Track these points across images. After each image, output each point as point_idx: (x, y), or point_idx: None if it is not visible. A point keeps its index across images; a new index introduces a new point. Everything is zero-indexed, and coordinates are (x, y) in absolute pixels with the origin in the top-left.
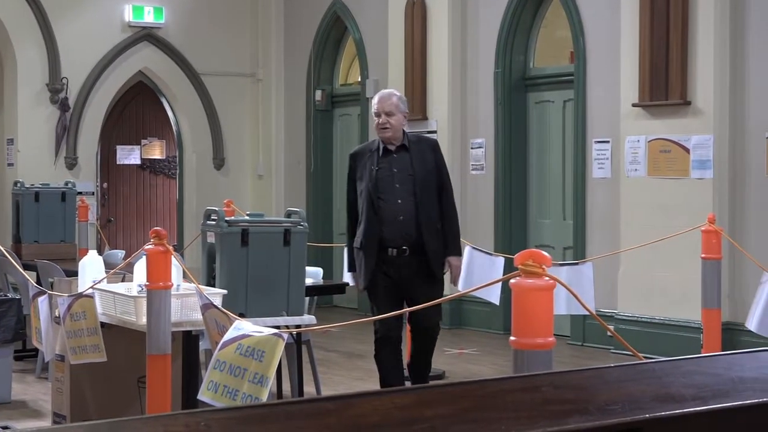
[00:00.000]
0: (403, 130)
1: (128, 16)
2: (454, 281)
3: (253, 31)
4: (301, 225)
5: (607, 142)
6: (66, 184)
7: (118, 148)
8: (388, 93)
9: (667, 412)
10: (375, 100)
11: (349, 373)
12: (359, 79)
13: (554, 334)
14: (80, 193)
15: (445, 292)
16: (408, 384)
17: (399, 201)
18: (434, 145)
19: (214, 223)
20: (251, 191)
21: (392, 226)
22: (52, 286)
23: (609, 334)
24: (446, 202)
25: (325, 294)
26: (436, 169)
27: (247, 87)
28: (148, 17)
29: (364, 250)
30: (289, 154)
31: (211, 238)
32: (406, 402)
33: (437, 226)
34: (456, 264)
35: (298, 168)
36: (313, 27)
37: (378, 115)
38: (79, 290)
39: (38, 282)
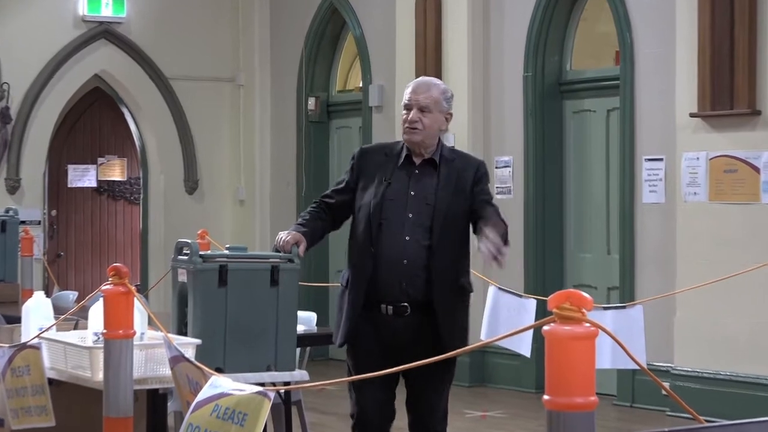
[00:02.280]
0: (439, 139)
1: (82, 8)
2: (500, 263)
3: (233, 27)
4: (292, 261)
5: (660, 159)
6: (6, 211)
7: (70, 168)
8: (427, 81)
9: None
10: (408, 89)
11: None
12: (360, 85)
13: (597, 393)
14: (23, 222)
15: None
16: None
17: (407, 237)
18: (479, 169)
19: (185, 258)
20: (231, 220)
21: (392, 270)
22: None
23: (664, 392)
24: (490, 209)
25: (321, 344)
26: (471, 202)
27: (226, 94)
28: (106, 10)
29: (348, 294)
30: (276, 175)
31: (182, 277)
32: None
33: (457, 282)
34: (492, 236)
35: (287, 191)
36: (305, 22)
37: (408, 108)
38: (22, 340)
39: None
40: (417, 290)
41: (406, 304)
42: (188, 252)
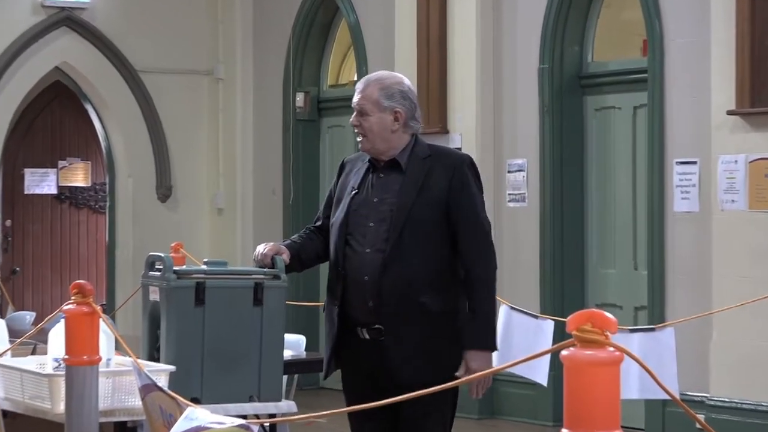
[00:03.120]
0: (415, 137)
1: None
2: (474, 392)
3: (212, 14)
4: (278, 277)
5: (694, 163)
6: None
7: (27, 172)
8: (366, 79)
9: None
10: None
11: None
12: (355, 78)
13: (622, 426)
14: None
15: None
16: None
17: (367, 250)
18: (457, 164)
19: (158, 274)
20: (209, 231)
21: (357, 290)
22: None
23: (698, 426)
24: (471, 246)
25: (310, 372)
26: (448, 201)
27: (203, 89)
28: None
29: (326, 320)
30: (259, 181)
31: (154, 295)
32: None
33: (415, 300)
34: (478, 366)
35: (272, 199)
36: (292, 8)
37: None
38: None
39: None
40: (379, 310)
41: (378, 326)
42: (161, 267)
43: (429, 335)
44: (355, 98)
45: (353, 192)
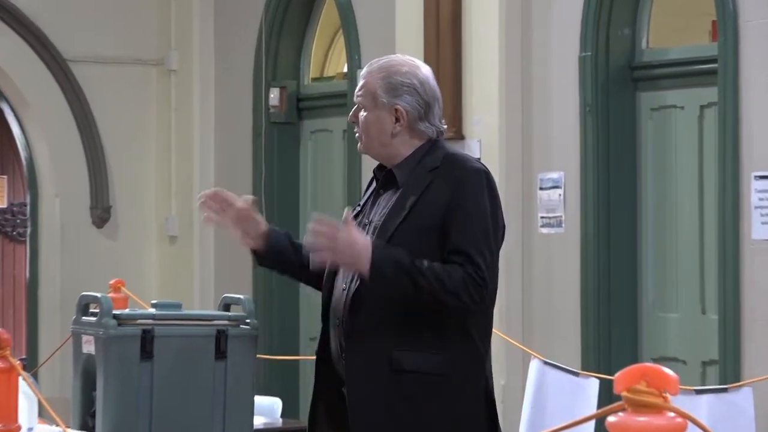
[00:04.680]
0: (431, 142)
1: None
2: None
3: None
4: (246, 323)
5: None
6: None
7: None
8: (370, 64)
9: None
10: None
11: None
12: (345, 70)
13: None
14: None
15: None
16: None
17: (343, 286)
18: (461, 176)
19: (93, 320)
20: (158, 264)
21: (335, 334)
22: None
23: None
24: (456, 270)
25: None
26: (443, 225)
27: (151, 83)
28: None
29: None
30: None
31: (88, 347)
32: None
33: (386, 354)
34: (354, 233)
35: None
36: None
37: None
38: None
39: None
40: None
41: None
42: (97, 311)
43: (402, 403)
44: (357, 87)
45: (355, 211)
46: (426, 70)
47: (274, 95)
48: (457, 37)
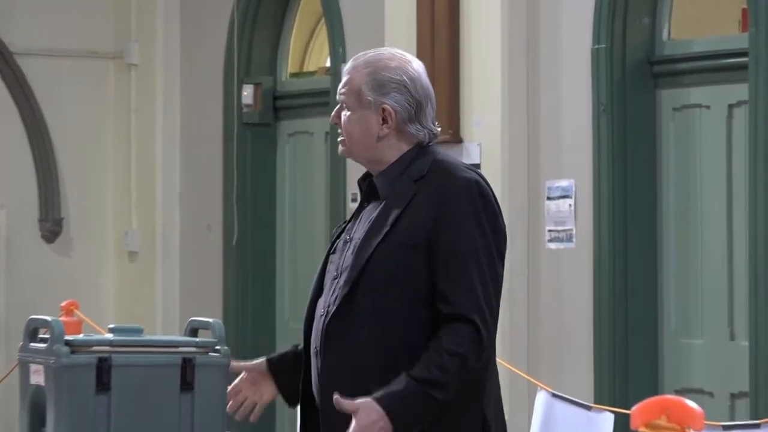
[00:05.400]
0: (419, 148)
1: None
2: None
3: None
4: (216, 350)
5: None
6: None
7: None
8: (355, 59)
9: None
10: None
11: None
12: (328, 65)
13: None
14: None
15: None
16: None
17: (321, 312)
18: (448, 190)
19: (43, 347)
20: (116, 284)
21: (314, 368)
22: None
23: None
24: (451, 316)
25: None
26: (429, 245)
27: (109, 79)
28: None
29: None
30: (190, 212)
31: (37, 377)
32: None
33: (364, 394)
34: (362, 419)
35: (208, 238)
36: None
37: None
38: None
39: None
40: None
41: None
42: (47, 336)
43: None
44: (340, 84)
45: (342, 226)
46: (417, 66)
47: (248, 93)
48: (455, 27)
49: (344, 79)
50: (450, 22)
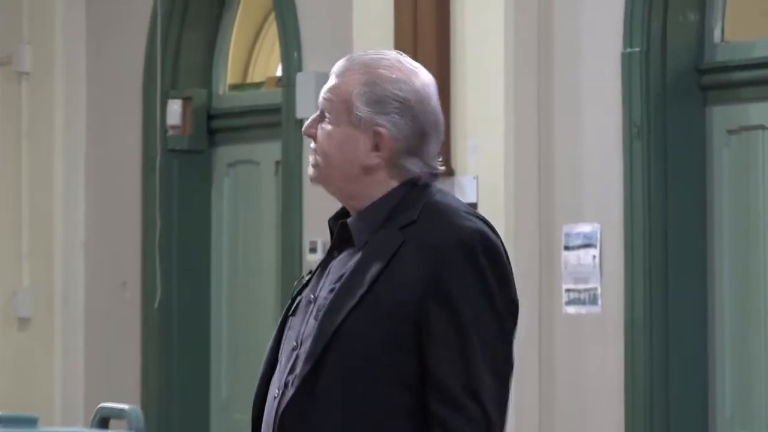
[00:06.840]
0: (416, 192)
1: None
2: None
3: None
4: None
5: None
6: None
7: None
8: (350, 58)
9: None
10: None
11: None
12: (278, 74)
13: None
14: None
15: None
16: None
17: (276, 390)
18: (445, 247)
19: None
20: (2, 359)
21: None
22: None
23: None
24: (449, 407)
25: None
26: (418, 315)
27: None
28: None
29: None
30: (99, 265)
31: None
32: None
33: None
34: None
35: (121, 300)
36: None
37: None
38: None
39: None
40: None
41: None
42: None
43: None
44: (323, 89)
45: (306, 279)
46: (429, 81)
47: (174, 110)
48: (444, 30)
49: (331, 81)
50: (438, 20)
